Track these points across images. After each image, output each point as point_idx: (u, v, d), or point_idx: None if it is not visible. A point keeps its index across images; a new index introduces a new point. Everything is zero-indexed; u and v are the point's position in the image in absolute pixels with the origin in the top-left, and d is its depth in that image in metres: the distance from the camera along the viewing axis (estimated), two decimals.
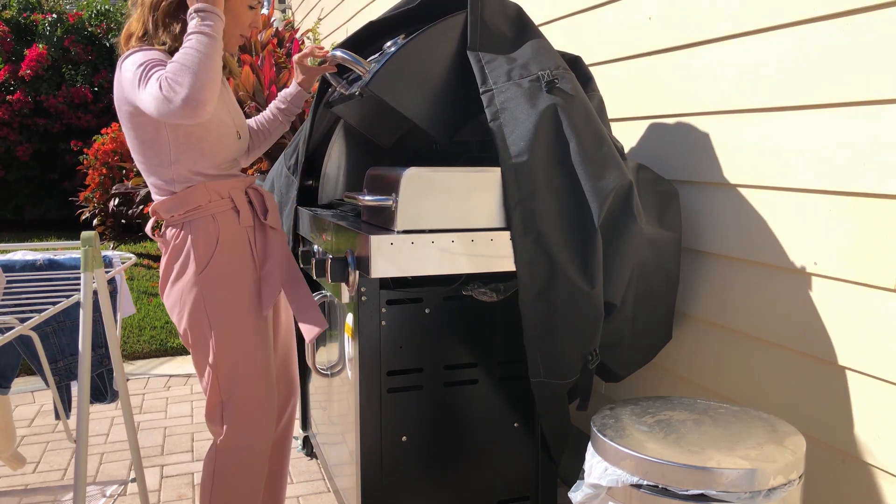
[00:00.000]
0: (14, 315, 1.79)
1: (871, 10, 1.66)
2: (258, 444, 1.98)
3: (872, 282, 1.69)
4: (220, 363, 1.92)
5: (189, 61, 1.68)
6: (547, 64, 1.93)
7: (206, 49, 1.71)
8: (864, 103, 1.69)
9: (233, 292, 1.93)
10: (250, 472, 1.98)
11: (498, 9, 2.02)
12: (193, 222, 1.93)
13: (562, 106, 1.88)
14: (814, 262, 1.83)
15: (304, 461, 3.12)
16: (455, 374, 2.02)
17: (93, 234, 1.93)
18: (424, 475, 2.02)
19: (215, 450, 1.96)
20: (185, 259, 1.92)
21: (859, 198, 1.71)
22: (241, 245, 1.97)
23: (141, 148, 1.91)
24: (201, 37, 1.72)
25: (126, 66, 1.81)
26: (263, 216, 2.04)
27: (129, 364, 4.64)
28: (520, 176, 1.84)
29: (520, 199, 1.84)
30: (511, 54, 1.97)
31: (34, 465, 3.09)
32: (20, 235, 9.75)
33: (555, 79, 1.90)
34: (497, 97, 1.89)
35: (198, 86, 1.67)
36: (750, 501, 1.42)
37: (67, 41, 9.88)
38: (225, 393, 1.94)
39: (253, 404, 1.96)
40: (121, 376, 2.12)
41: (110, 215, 7.12)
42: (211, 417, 1.96)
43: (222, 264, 1.92)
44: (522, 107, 1.87)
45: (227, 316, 1.92)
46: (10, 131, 9.74)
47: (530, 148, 1.84)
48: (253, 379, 1.96)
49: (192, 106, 1.66)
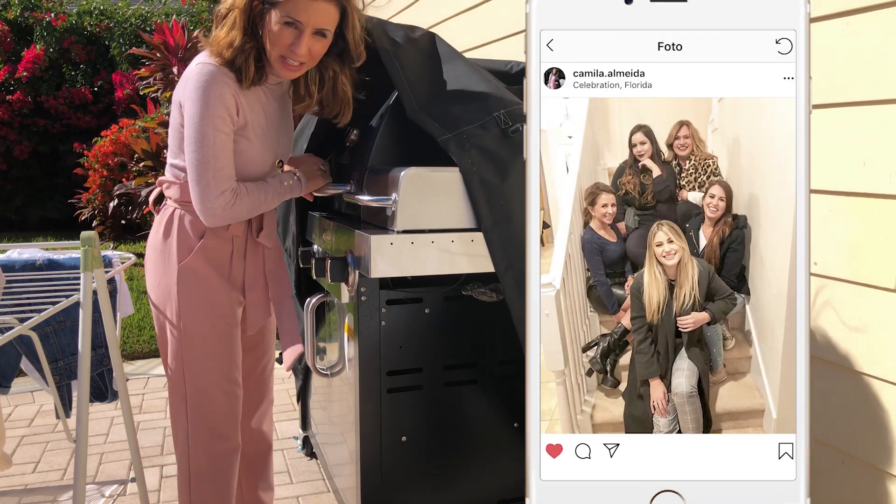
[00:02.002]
0: (14, 315, 1.79)
1: (871, 9, 1.66)
2: (221, 452, 2.00)
3: (872, 282, 1.69)
4: (184, 360, 1.94)
5: (256, 205, 1.90)
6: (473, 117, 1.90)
7: (271, 202, 1.95)
8: (864, 103, 1.69)
9: (207, 293, 1.94)
10: (221, 475, 2.01)
11: (417, 62, 1.98)
12: (184, 214, 1.94)
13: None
14: (814, 262, 1.84)
15: (304, 461, 3.13)
16: (455, 374, 2.02)
17: (92, 234, 1.93)
18: (424, 475, 2.03)
19: (188, 456, 1.98)
20: (169, 243, 1.94)
21: (859, 198, 1.71)
22: (223, 252, 1.97)
23: (175, 127, 1.93)
24: (280, 194, 1.96)
25: (191, 76, 1.84)
26: (257, 232, 2.04)
27: (129, 364, 4.65)
28: (504, 241, 1.82)
29: (510, 263, 1.82)
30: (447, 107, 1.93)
31: (34, 465, 3.10)
32: (20, 236, 9.78)
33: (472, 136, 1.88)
34: (463, 163, 1.84)
35: (235, 216, 1.87)
36: None
37: (67, 42, 9.88)
38: (191, 397, 1.96)
39: (213, 409, 1.97)
40: (120, 376, 2.13)
41: (110, 216, 7.12)
42: (175, 410, 1.99)
43: (200, 265, 1.93)
44: (491, 173, 1.85)
45: (195, 316, 1.93)
46: (10, 131, 9.77)
47: (512, 210, 1.84)
48: (215, 384, 1.96)
49: (215, 222, 1.86)
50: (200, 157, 1.81)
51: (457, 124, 1.84)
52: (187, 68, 1.90)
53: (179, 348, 1.95)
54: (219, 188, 1.82)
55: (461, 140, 1.83)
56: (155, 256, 1.98)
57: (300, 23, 1.78)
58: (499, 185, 1.82)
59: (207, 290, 1.94)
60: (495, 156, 1.84)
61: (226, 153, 1.84)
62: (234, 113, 1.85)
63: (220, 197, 1.82)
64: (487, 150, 1.83)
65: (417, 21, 4.45)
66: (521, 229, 1.69)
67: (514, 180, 1.85)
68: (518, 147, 1.83)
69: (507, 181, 1.83)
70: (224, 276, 1.97)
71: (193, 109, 1.81)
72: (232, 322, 1.99)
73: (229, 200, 1.83)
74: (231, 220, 1.88)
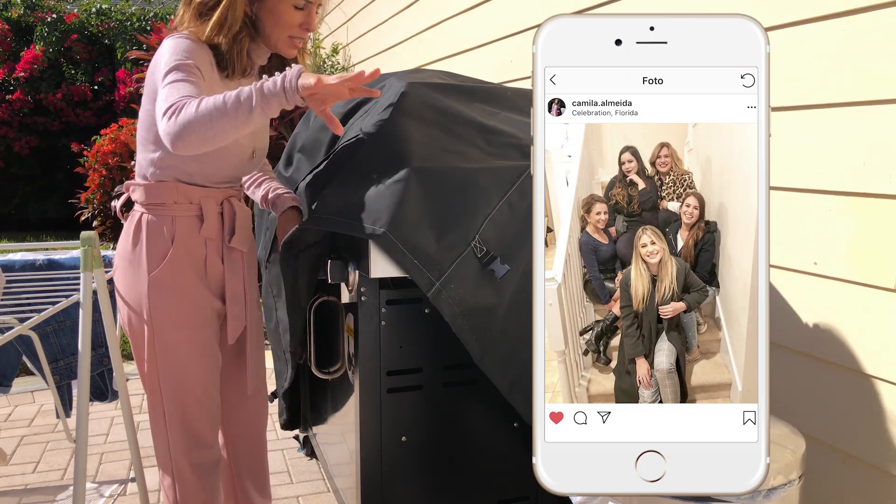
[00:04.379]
0: (14, 315, 1.90)
1: (871, 9, 1.72)
2: (203, 461, 2.05)
3: (872, 282, 1.76)
4: (160, 372, 1.99)
5: (211, 114, 1.67)
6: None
7: (237, 117, 1.67)
8: (864, 103, 1.76)
9: (181, 302, 1.97)
10: (205, 484, 2.07)
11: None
12: (152, 219, 1.95)
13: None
14: (814, 262, 1.90)
15: (304, 461, 3.23)
16: (455, 374, 2.10)
17: (92, 234, 2.02)
18: (424, 475, 2.11)
19: (171, 468, 2.04)
20: (138, 252, 1.95)
21: (859, 198, 1.77)
22: (196, 255, 1.99)
23: (145, 120, 1.93)
24: (247, 107, 1.67)
25: (164, 45, 1.84)
26: (229, 237, 2.05)
27: (129, 364, 4.76)
28: (499, 365, 1.95)
29: (512, 383, 1.95)
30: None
31: (34, 465, 3.21)
32: (20, 235, 9.90)
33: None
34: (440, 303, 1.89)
35: (194, 135, 1.68)
36: (750, 501, 1.47)
37: (69, 41, 10.06)
38: (168, 403, 2.01)
39: (191, 417, 2.02)
40: (120, 376, 2.23)
41: (110, 216, 7.26)
42: (154, 419, 2.04)
43: (173, 271, 1.95)
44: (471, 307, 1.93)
45: (168, 324, 1.96)
46: (10, 130, 9.93)
47: (497, 335, 1.95)
48: (190, 393, 2.01)
49: (174, 142, 1.70)
50: (177, 77, 1.74)
51: (439, 267, 1.89)
52: (157, 52, 1.90)
53: (154, 359, 1.98)
54: (170, 102, 1.72)
55: (443, 283, 1.88)
56: (124, 265, 1.98)
57: (310, 3, 1.92)
58: (483, 314, 1.90)
59: (180, 299, 1.96)
60: (474, 288, 1.90)
61: (196, 88, 1.76)
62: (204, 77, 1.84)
63: (172, 106, 1.70)
64: (466, 283, 1.90)
65: (417, 21, 4.58)
66: (514, 350, 1.87)
67: (498, 312, 1.93)
68: (495, 277, 1.92)
69: (490, 315, 1.91)
70: (200, 279, 1.99)
71: (170, 53, 1.79)
72: (208, 329, 2.03)
73: (182, 105, 1.70)
74: (188, 134, 1.68)
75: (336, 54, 6.58)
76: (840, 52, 1.81)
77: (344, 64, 6.48)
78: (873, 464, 1.80)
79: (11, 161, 10.24)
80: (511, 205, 1.99)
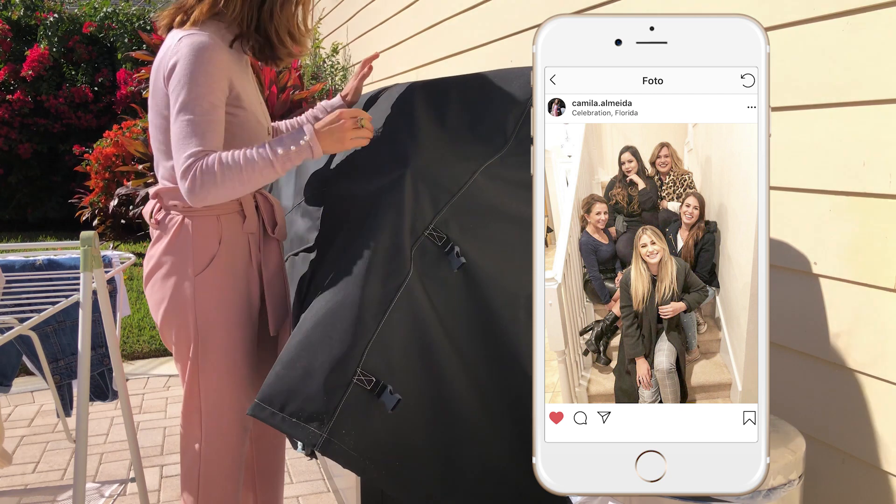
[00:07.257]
0: (14, 315, 1.90)
1: (871, 9, 1.72)
2: (229, 456, 2.07)
3: (872, 282, 1.76)
4: (203, 372, 1.99)
5: (240, 178, 1.80)
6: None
7: (264, 176, 1.82)
8: (864, 103, 1.76)
9: (227, 301, 1.98)
10: (229, 475, 2.09)
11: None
12: (196, 219, 1.95)
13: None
14: (814, 261, 1.90)
15: (304, 461, 3.25)
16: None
17: (92, 233, 2.02)
18: None
19: (199, 456, 2.05)
20: (182, 256, 1.94)
21: (859, 198, 1.77)
22: (241, 252, 2.01)
23: (164, 126, 1.93)
24: (274, 166, 1.82)
25: (182, 50, 1.84)
26: (272, 228, 2.08)
27: (129, 364, 4.80)
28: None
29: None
30: None
31: (34, 465, 3.23)
32: (20, 235, 9.93)
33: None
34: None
35: (219, 196, 1.81)
36: (750, 501, 1.48)
37: (71, 41, 10.09)
38: (205, 403, 2.02)
39: (228, 417, 2.04)
40: (120, 376, 2.24)
41: (110, 215, 7.29)
42: (188, 420, 2.05)
43: (221, 270, 1.97)
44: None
45: (216, 325, 1.97)
46: (11, 130, 9.97)
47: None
48: (231, 392, 2.03)
49: (195, 202, 1.82)
50: (189, 119, 1.80)
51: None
52: (165, 46, 1.92)
53: (197, 358, 1.99)
54: (189, 161, 1.80)
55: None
56: (164, 272, 1.97)
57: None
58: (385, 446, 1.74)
59: (226, 300, 1.98)
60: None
61: (217, 126, 1.85)
62: (228, 85, 1.89)
63: (196, 161, 1.80)
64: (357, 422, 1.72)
65: (417, 21, 4.58)
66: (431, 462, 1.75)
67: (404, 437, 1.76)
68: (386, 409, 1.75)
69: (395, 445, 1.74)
70: (245, 276, 2.01)
71: (186, 74, 1.82)
72: (252, 329, 2.05)
73: (202, 171, 1.79)
74: (212, 192, 1.81)
75: (336, 54, 6.58)
76: (840, 52, 1.81)
77: (344, 64, 6.49)
78: (873, 464, 1.80)
79: (12, 163, 10.29)
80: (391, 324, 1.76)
